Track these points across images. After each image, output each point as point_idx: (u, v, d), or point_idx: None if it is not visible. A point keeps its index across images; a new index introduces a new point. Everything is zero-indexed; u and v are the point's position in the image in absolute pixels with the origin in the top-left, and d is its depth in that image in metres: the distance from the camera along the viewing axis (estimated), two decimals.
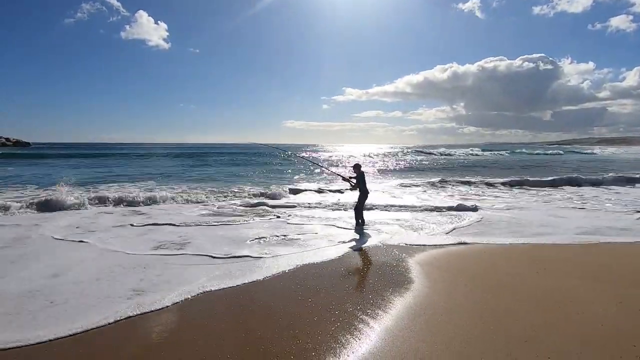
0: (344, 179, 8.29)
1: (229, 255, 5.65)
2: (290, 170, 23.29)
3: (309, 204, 10.54)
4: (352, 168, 8.03)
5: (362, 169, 7.96)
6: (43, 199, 9.58)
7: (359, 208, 7.80)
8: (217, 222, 8.21)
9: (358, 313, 3.72)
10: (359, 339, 3.22)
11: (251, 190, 12.77)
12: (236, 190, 12.85)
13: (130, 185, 14.89)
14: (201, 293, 4.25)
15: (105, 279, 4.75)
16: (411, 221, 8.33)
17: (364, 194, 7.80)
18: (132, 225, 7.88)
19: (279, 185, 14.43)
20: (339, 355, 2.98)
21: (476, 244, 6.40)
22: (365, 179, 7.92)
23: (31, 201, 9.52)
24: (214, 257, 5.57)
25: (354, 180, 7.83)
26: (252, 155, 42.21)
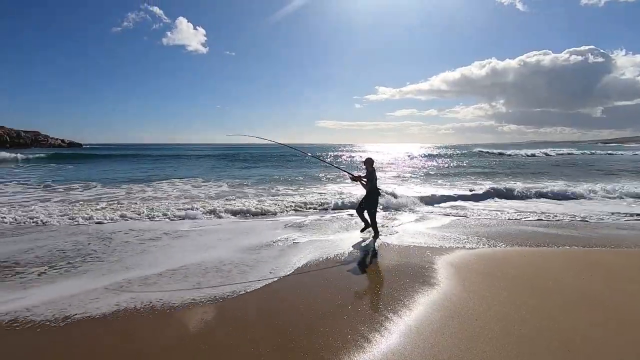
0: (352, 178, 7.05)
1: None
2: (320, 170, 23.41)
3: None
4: (362, 163, 7.13)
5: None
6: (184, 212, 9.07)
7: (363, 208, 6.88)
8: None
9: (388, 313, 3.68)
10: (388, 340, 3.19)
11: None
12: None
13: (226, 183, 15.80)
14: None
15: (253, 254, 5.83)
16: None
17: (373, 193, 6.79)
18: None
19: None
20: (367, 355, 2.97)
21: (515, 247, 6.10)
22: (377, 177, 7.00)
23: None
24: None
25: (365, 180, 6.92)
26: (288, 155, 42.82)
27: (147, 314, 3.79)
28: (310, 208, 9.76)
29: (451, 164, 30.87)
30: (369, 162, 6.93)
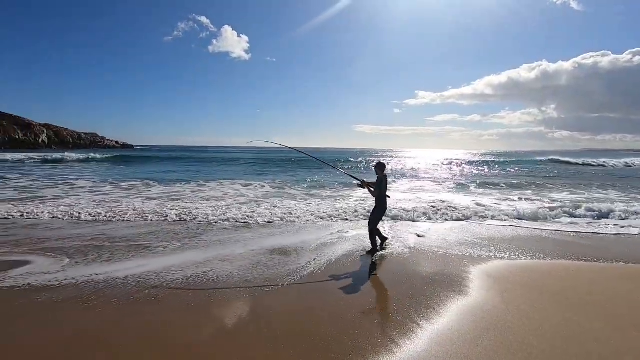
0: (360, 185, 6.43)
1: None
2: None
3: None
4: (374, 168, 6.41)
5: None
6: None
7: (376, 222, 6.26)
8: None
9: (420, 320, 3.63)
10: (419, 347, 3.15)
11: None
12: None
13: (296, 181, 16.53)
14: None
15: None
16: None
17: (381, 202, 6.21)
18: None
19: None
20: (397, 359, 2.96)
21: (562, 261, 5.72)
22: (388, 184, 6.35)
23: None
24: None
25: (372, 187, 6.28)
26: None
27: (203, 288, 4.40)
28: (352, 211, 9.78)
29: (512, 173, 29.40)
30: (379, 168, 6.25)
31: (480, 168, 33.39)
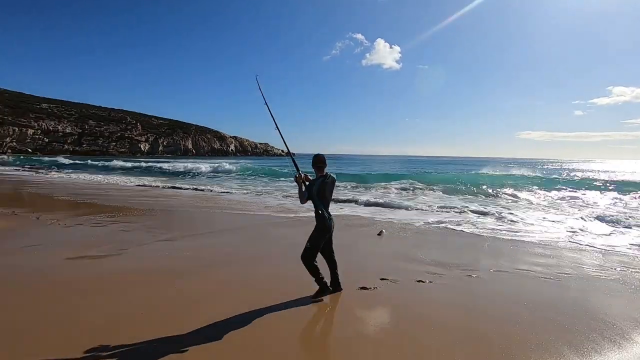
0: (296, 178, 3.96)
1: None
2: None
3: None
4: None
5: None
6: None
7: (312, 252, 3.77)
8: None
9: None
10: None
11: None
12: None
13: None
14: None
15: None
16: None
17: (319, 220, 3.81)
18: None
19: None
20: None
21: None
22: (330, 192, 3.87)
23: None
24: None
25: (305, 186, 3.94)
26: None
27: None
28: None
29: None
30: (317, 164, 3.89)
31: None
